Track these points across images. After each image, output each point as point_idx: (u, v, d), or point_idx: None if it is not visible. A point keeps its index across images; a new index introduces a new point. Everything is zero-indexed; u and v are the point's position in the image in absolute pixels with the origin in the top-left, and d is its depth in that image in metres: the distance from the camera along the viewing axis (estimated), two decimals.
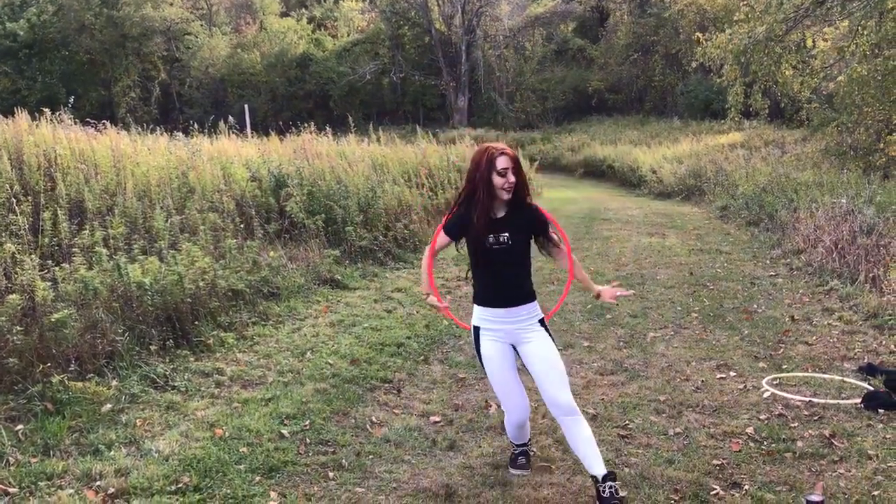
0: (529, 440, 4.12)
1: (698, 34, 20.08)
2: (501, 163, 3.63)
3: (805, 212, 10.58)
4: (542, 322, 3.81)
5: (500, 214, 3.75)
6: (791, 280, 8.45)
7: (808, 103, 19.17)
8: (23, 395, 4.53)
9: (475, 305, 3.89)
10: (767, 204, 12.50)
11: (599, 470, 3.56)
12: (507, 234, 3.71)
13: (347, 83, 41.11)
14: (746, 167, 17.01)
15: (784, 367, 5.65)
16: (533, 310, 3.81)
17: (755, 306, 7.41)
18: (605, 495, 3.50)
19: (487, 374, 3.86)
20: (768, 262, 9.54)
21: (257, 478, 3.92)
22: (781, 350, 6.05)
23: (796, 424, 4.58)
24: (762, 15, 15.85)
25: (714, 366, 5.73)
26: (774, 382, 5.33)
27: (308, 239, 8.96)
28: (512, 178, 3.65)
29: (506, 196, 3.68)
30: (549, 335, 3.81)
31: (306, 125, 14.60)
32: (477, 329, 3.85)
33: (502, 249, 3.71)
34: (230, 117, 13.96)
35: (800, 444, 4.28)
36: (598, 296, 3.96)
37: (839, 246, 8.58)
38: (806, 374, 5.48)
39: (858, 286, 7.51)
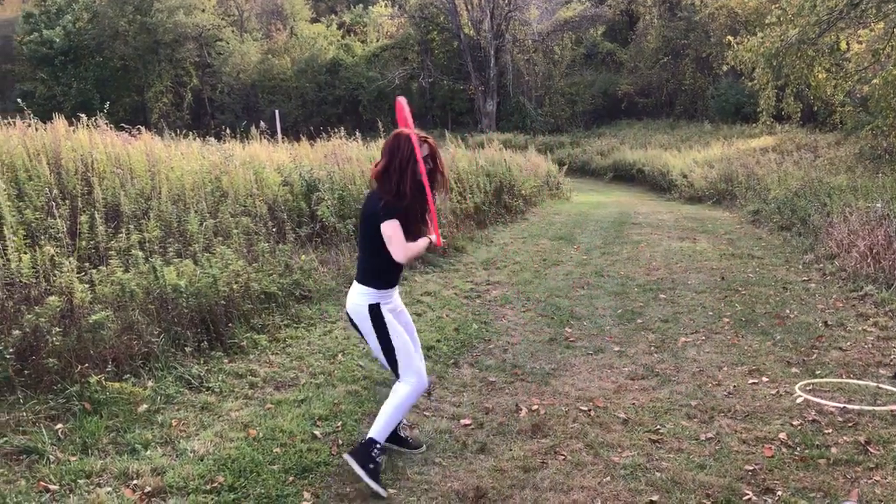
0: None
1: (729, 37, 19.99)
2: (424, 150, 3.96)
3: (839, 216, 10.45)
4: None
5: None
6: (824, 285, 8.36)
7: (841, 106, 18.98)
8: (62, 395, 4.62)
9: (374, 289, 4.01)
10: (800, 208, 12.37)
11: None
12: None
13: (376, 88, 41.33)
14: (778, 171, 16.84)
15: (817, 372, 5.60)
16: None
17: (787, 311, 7.34)
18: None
19: (401, 344, 4.01)
20: (801, 266, 9.45)
21: (291, 478, 3.97)
22: (815, 356, 5.99)
23: (830, 431, 4.54)
24: (795, 18, 15.73)
25: (746, 371, 5.69)
26: (808, 388, 5.28)
27: (339, 242, 9.03)
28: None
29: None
30: None
31: (336, 130, 14.67)
32: (377, 306, 4.01)
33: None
34: (261, 122, 14.09)
35: (834, 450, 4.25)
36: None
37: (874, 251, 8.47)
38: (840, 380, 5.43)
39: (894, 291, 7.42)
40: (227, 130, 13.54)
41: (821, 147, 20.69)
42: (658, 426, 4.69)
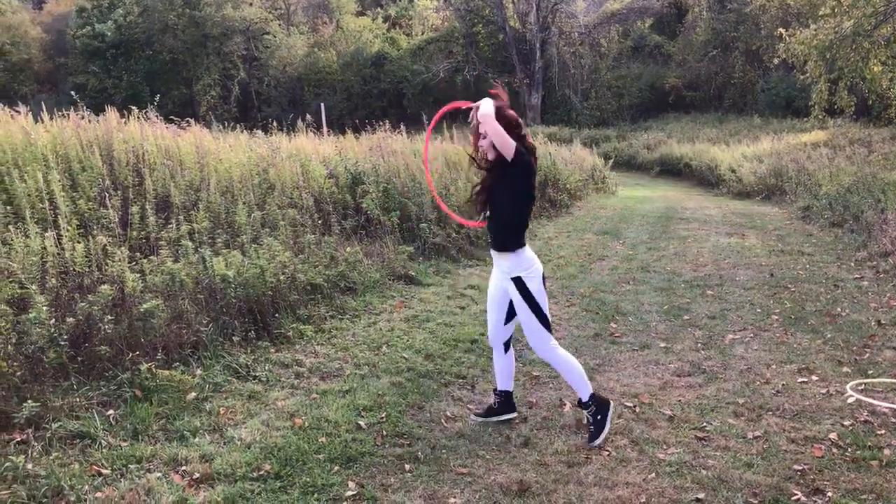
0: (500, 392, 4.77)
1: (781, 30, 19.58)
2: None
3: (893, 213, 10.19)
4: (514, 279, 4.34)
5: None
6: (878, 283, 8.17)
7: None
8: (113, 382, 4.71)
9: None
10: (853, 204, 12.09)
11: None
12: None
13: (421, 81, 41.35)
14: (830, 166, 16.49)
15: (870, 372, 5.48)
16: (503, 261, 4.39)
17: (839, 309, 7.19)
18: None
19: None
20: (853, 264, 9.24)
21: (336, 467, 4.01)
22: (867, 355, 5.86)
23: (883, 432, 4.44)
24: (849, 9, 15.37)
25: (795, 369, 5.59)
26: (860, 388, 5.17)
27: (383, 235, 9.08)
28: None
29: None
30: (520, 292, 4.32)
31: (381, 123, 14.71)
32: None
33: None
34: (307, 115, 14.19)
35: (887, 452, 4.15)
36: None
37: None
38: (893, 380, 5.30)
39: None
40: (274, 123, 13.67)
41: (875, 142, 20.19)
42: (704, 424, 4.63)
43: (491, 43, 43.41)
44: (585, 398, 4.45)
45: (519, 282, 4.32)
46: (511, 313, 4.55)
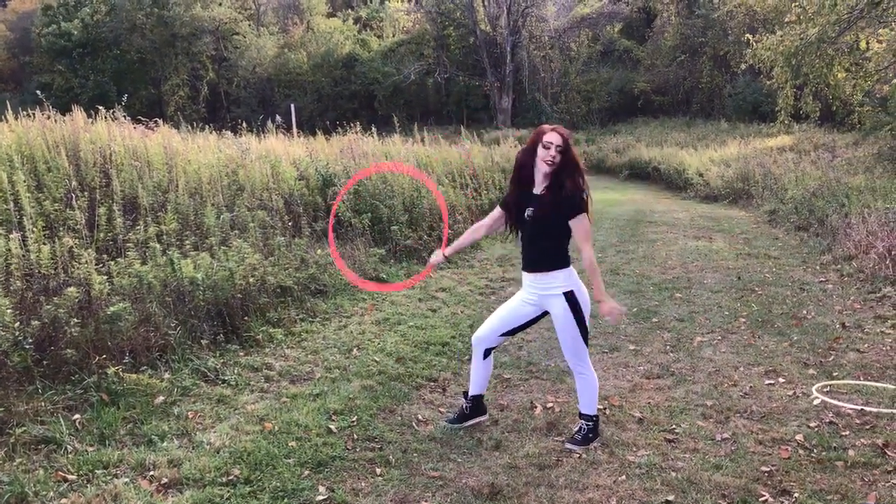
0: (471, 397, 4.67)
1: (748, 35, 19.84)
2: (549, 137, 4.10)
3: (857, 217, 10.36)
4: (566, 293, 4.34)
5: (538, 191, 4.25)
6: (842, 286, 8.30)
7: (860, 106, 18.80)
8: (80, 386, 4.65)
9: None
10: (817, 209, 12.28)
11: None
12: (532, 209, 4.24)
13: (392, 83, 41.36)
14: (796, 171, 16.72)
15: (835, 374, 5.56)
16: (552, 279, 4.34)
17: (805, 312, 7.29)
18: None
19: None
20: (818, 267, 9.38)
21: (306, 472, 3.98)
22: (832, 357, 5.95)
23: (848, 433, 4.51)
24: (814, 16, 15.60)
25: (762, 372, 5.66)
26: (825, 390, 5.25)
27: (354, 237, 9.05)
28: (554, 154, 4.09)
29: (546, 169, 4.14)
30: (570, 305, 4.35)
31: (351, 125, 14.66)
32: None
33: (529, 222, 4.30)
34: (277, 116, 14.10)
35: (851, 452, 4.21)
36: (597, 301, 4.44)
37: (893, 252, 8.40)
38: (857, 382, 5.39)
39: None
40: (243, 124, 13.56)
41: (839, 147, 20.54)
42: (673, 426, 4.67)
43: (462, 46, 43.53)
44: (592, 413, 4.44)
45: (571, 296, 4.34)
46: (517, 331, 4.59)
